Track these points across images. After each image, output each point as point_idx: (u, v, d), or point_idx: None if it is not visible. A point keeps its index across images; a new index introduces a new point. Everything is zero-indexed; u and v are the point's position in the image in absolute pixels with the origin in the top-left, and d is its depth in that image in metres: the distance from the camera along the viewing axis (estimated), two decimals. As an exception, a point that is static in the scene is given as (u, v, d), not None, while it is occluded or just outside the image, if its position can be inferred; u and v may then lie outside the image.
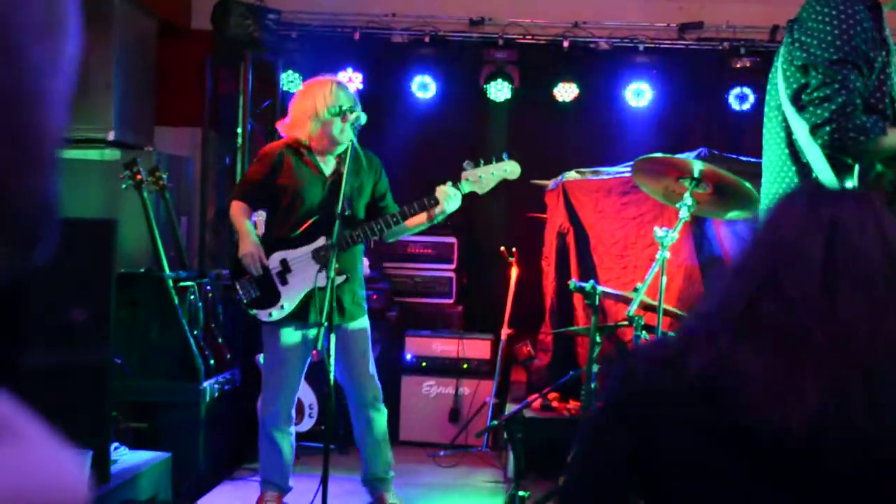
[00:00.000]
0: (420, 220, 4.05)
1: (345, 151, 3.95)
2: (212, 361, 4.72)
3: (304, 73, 6.39)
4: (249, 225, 4.12)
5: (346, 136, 3.95)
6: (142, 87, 5.69)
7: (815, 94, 2.65)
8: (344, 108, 3.98)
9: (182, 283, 4.70)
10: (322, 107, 4.01)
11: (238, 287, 4.12)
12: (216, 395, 4.65)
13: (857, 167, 2.68)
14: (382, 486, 4.30)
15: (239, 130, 6.07)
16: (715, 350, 1.30)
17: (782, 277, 1.29)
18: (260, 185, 4.12)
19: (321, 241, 4.04)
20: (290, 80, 6.36)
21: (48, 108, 0.51)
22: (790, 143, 2.78)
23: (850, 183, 2.68)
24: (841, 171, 2.70)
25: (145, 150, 5.61)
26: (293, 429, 4.25)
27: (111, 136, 5.27)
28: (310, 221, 4.06)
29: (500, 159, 4.07)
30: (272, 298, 4.06)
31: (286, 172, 4.09)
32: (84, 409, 3.34)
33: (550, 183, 5.56)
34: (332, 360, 3.69)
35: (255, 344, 5.31)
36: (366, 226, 4.03)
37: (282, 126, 4.21)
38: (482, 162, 4.05)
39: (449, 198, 3.96)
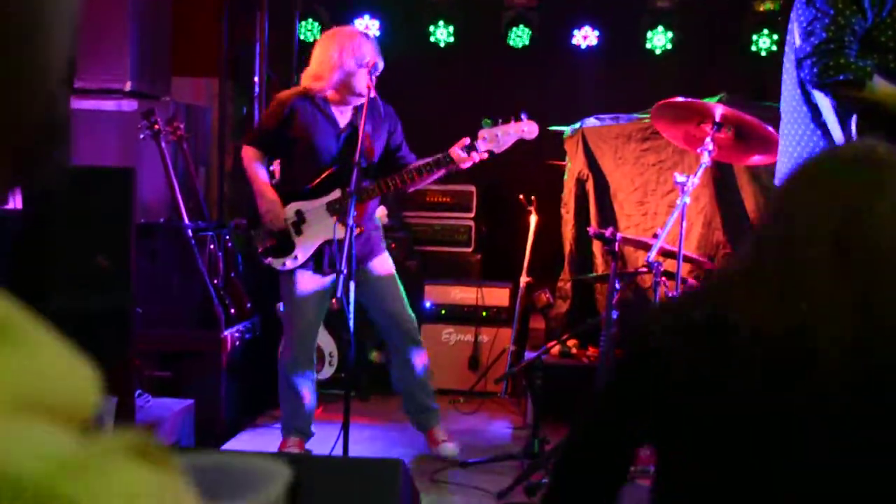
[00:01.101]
0: (435, 175, 4.09)
1: (360, 102, 3.97)
2: (232, 310, 4.75)
3: (322, 21, 6.34)
4: (265, 176, 4.14)
5: (368, 90, 3.96)
6: (158, 37, 5.65)
7: (807, 28, 2.61)
8: (368, 60, 3.98)
9: (201, 233, 4.72)
10: (348, 57, 4.00)
11: (254, 235, 4.17)
12: (237, 343, 4.69)
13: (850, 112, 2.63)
14: (431, 417, 4.40)
15: (256, 80, 6.03)
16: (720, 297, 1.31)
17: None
18: (274, 133, 4.12)
19: (336, 193, 4.05)
20: (307, 29, 6.31)
21: (56, 31, 0.51)
22: (801, 84, 2.75)
23: (848, 125, 2.63)
24: (846, 114, 2.65)
25: (163, 100, 5.59)
26: (314, 375, 4.31)
27: (128, 86, 5.24)
28: (326, 173, 4.07)
29: (518, 119, 4.07)
30: (287, 248, 4.10)
31: (299, 123, 4.08)
32: (108, 356, 3.37)
33: (569, 129, 5.51)
34: (351, 308, 3.71)
35: (275, 293, 5.33)
36: (381, 181, 4.03)
37: (305, 75, 4.17)
38: (500, 121, 4.06)
39: (463, 157, 3.98)
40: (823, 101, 2.68)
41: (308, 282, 4.13)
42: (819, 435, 1.24)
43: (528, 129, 4.08)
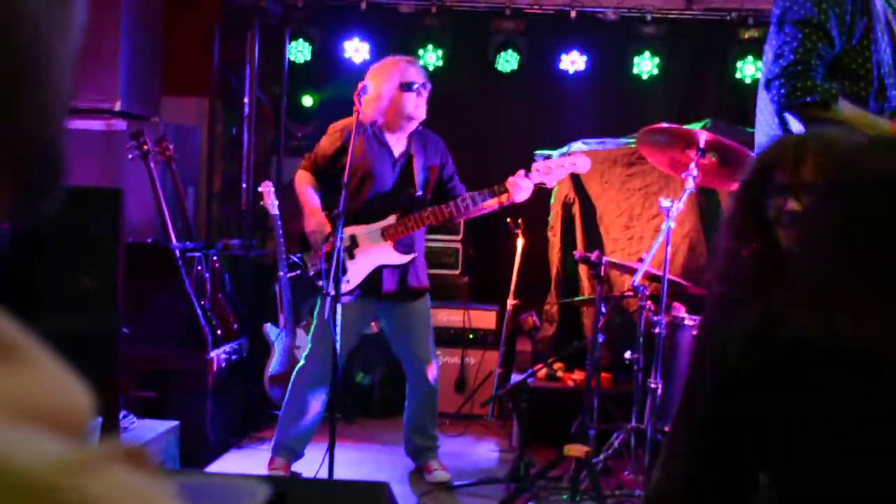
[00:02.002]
0: (489, 206, 4.15)
1: (413, 132, 4.18)
2: (219, 331, 4.75)
3: (311, 42, 6.38)
4: (315, 200, 4.23)
5: (419, 112, 4.14)
6: (148, 57, 5.67)
7: (776, 51, 2.67)
8: (416, 84, 4.12)
9: (189, 254, 4.73)
10: (392, 82, 4.11)
11: (306, 259, 4.27)
12: (223, 364, 4.68)
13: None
14: (427, 455, 4.44)
15: (246, 100, 6.06)
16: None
17: None
18: (331, 160, 4.21)
19: (391, 220, 4.16)
20: (297, 50, 6.35)
21: (58, 69, 0.54)
22: (779, 112, 2.80)
23: None
24: None
25: (152, 120, 5.61)
26: (326, 396, 4.29)
27: (118, 106, 5.26)
28: (380, 200, 4.18)
29: (572, 153, 4.18)
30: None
31: (356, 150, 4.08)
32: (93, 377, 3.35)
33: (556, 153, 5.55)
34: (337, 330, 3.72)
35: (262, 314, 5.34)
36: (433, 209, 4.13)
37: (361, 101, 4.13)
38: (554, 154, 4.18)
39: (520, 188, 4.04)
40: (796, 126, 2.73)
41: (351, 308, 4.09)
42: None
43: (580, 163, 4.16)
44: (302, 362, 4.31)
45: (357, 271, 4.18)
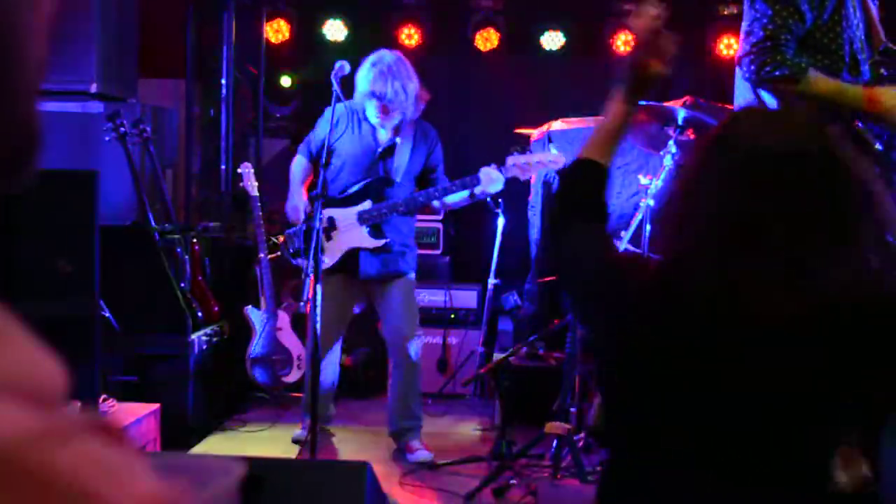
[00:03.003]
0: (461, 196, 4.28)
1: (402, 121, 4.30)
2: (200, 314, 4.73)
3: (289, 22, 6.34)
4: (299, 180, 4.47)
5: (384, 119, 4.24)
6: (124, 38, 5.61)
7: (748, 29, 2.69)
8: (374, 91, 4.17)
9: (168, 236, 4.70)
10: (359, 88, 4.23)
11: (286, 238, 4.49)
12: (204, 347, 4.67)
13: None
14: (408, 436, 4.47)
15: (223, 81, 6.01)
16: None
17: None
18: (319, 143, 4.34)
19: (367, 205, 4.30)
20: (274, 30, 6.30)
21: (29, 39, 0.53)
22: (754, 89, 2.81)
23: None
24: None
25: (128, 102, 5.56)
26: (337, 365, 4.56)
27: (93, 88, 5.20)
28: (360, 184, 4.32)
29: (546, 149, 4.28)
30: None
31: (344, 135, 4.33)
32: (72, 362, 3.34)
33: (536, 132, 5.54)
34: (318, 311, 3.73)
35: (243, 296, 5.33)
36: (410, 198, 4.30)
37: (339, 81, 4.15)
38: (529, 150, 4.28)
39: (492, 180, 4.16)
40: (771, 101, 2.74)
41: (335, 285, 4.27)
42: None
43: (553, 158, 4.23)
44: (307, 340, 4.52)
45: (333, 252, 4.32)
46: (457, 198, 4.30)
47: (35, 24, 0.54)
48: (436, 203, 4.41)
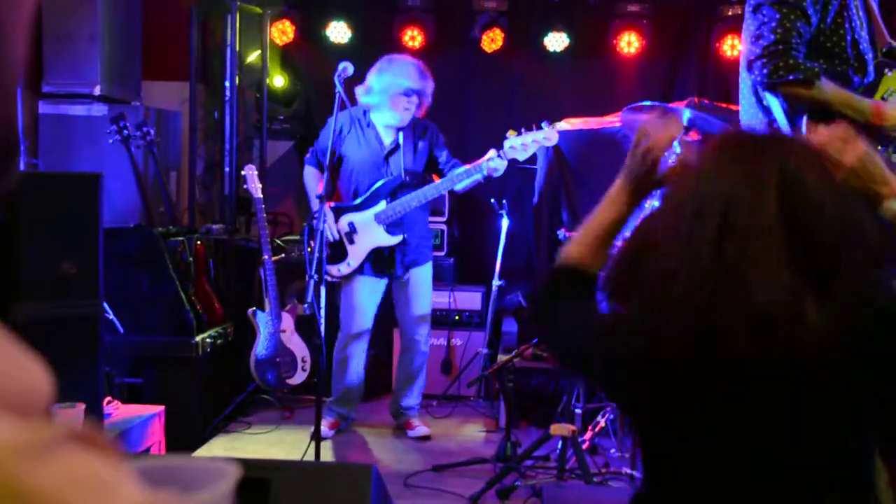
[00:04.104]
0: (471, 181, 4.50)
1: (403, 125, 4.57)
2: (204, 316, 4.72)
3: (293, 23, 6.33)
4: (315, 192, 4.59)
5: (405, 116, 4.53)
6: (128, 41, 5.62)
7: (755, 32, 2.68)
8: (413, 88, 4.50)
9: (172, 239, 4.70)
10: (385, 84, 4.48)
11: (311, 247, 4.58)
12: (209, 349, 4.66)
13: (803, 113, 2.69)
14: (409, 415, 4.86)
15: (227, 84, 6.01)
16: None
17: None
18: (327, 151, 4.49)
19: (382, 205, 4.56)
20: (277, 31, 6.29)
21: (12, 38, 0.53)
22: (756, 90, 2.81)
23: (800, 126, 2.69)
24: (795, 114, 2.71)
25: (132, 104, 5.57)
26: (363, 363, 4.78)
27: (97, 90, 5.22)
28: (373, 187, 4.57)
29: (539, 127, 4.43)
30: (341, 256, 4.59)
31: (350, 141, 4.63)
32: (76, 363, 3.35)
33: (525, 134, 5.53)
34: (322, 313, 3.73)
35: (247, 298, 5.32)
36: (419, 192, 4.52)
37: (358, 91, 4.61)
38: (524, 130, 4.42)
39: (494, 164, 4.39)
40: (774, 103, 2.73)
41: (363, 286, 4.65)
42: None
43: (549, 136, 4.43)
44: (337, 340, 4.77)
45: (356, 254, 4.58)
46: (466, 183, 4.52)
47: (18, 24, 0.54)
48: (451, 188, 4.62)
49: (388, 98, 4.51)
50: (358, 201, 4.60)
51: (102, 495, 0.43)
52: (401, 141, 4.61)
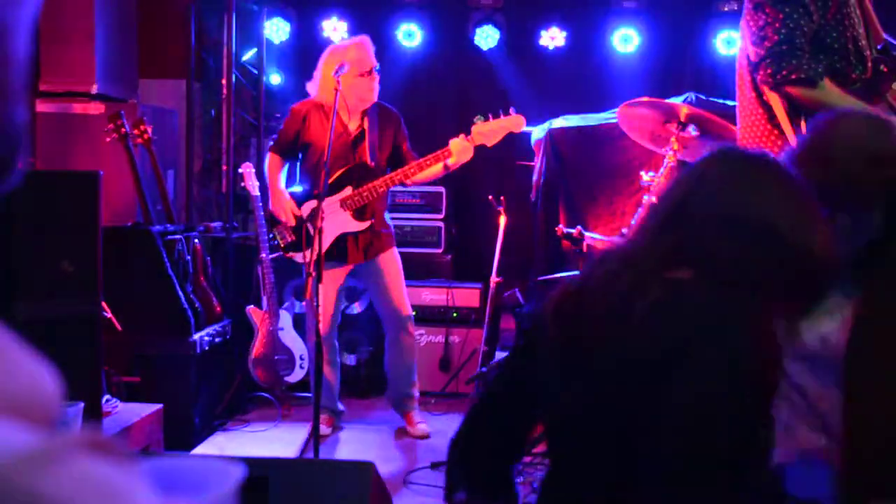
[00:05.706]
0: (436, 170, 4.49)
1: (368, 107, 4.55)
2: (202, 314, 4.72)
3: (289, 21, 6.33)
4: (279, 181, 4.67)
5: (373, 95, 4.51)
6: (124, 39, 5.60)
7: (759, 33, 2.67)
8: (370, 68, 4.47)
9: (170, 237, 4.69)
10: (349, 68, 4.37)
11: (276, 234, 4.66)
12: (207, 347, 4.66)
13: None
14: (409, 402, 4.85)
15: (224, 82, 6.00)
16: None
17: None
18: (292, 141, 4.62)
19: (348, 191, 4.53)
20: (274, 29, 6.29)
21: (15, 36, 0.53)
22: (755, 86, 2.80)
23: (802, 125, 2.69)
24: (796, 113, 2.71)
25: (130, 102, 5.56)
26: (338, 357, 4.83)
27: (94, 89, 5.20)
28: (338, 173, 4.52)
29: (507, 113, 4.44)
30: (307, 243, 4.55)
31: (314, 130, 4.59)
32: (74, 361, 3.35)
33: (537, 130, 5.54)
34: (320, 310, 3.73)
35: (246, 296, 5.32)
36: (387, 177, 4.50)
37: (310, 87, 4.64)
38: (490, 116, 4.44)
39: (463, 149, 4.39)
40: (776, 103, 2.73)
41: (327, 274, 4.45)
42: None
43: (515, 121, 4.44)
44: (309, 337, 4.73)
45: (322, 240, 4.42)
46: (431, 172, 4.49)
47: (21, 23, 0.54)
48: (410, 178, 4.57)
49: (359, 79, 4.47)
50: (324, 187, 4.55)
51: (115, 503, 0.43)
52: (366, 126, 4.59)
